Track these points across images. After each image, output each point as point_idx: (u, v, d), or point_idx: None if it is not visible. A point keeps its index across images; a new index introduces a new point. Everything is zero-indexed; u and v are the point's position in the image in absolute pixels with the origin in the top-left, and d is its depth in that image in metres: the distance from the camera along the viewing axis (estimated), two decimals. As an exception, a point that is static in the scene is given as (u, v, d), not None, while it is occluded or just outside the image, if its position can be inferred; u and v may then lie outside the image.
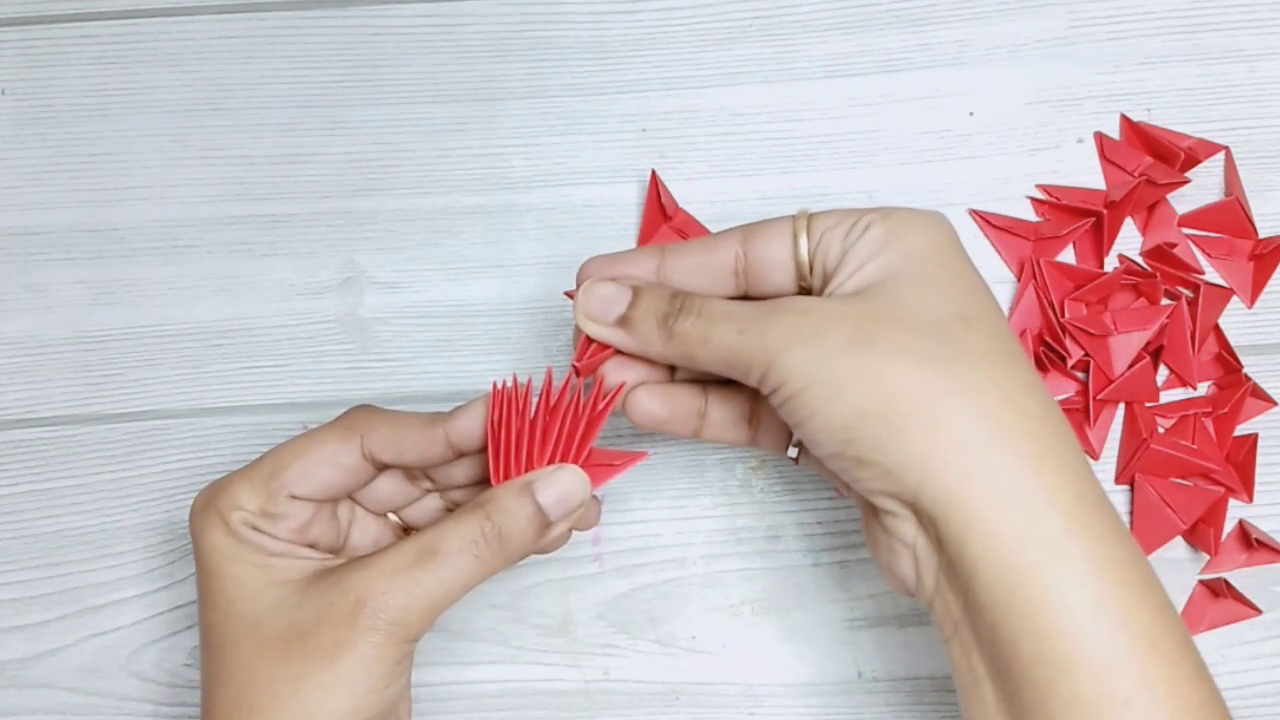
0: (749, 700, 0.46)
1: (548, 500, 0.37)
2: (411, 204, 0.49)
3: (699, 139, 0.49)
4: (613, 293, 0.38)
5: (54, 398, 0.48)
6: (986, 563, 0.33)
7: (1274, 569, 0.46)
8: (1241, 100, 0.49)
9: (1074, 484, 0.34)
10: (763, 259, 0.38)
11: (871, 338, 0.34)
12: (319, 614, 0.36)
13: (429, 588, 0.36)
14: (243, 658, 0.36)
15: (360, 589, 0.35)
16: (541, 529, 0.37)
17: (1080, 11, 0.50)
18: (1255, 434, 0.46)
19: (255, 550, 0.37)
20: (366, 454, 0.39)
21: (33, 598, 0.47)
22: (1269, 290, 0.48)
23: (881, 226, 0.36)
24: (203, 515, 0.38)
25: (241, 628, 0.37)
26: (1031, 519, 0.33)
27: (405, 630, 0.36)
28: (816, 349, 0.34)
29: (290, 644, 0.36)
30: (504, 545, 0.37)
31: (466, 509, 0.37)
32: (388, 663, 0.36)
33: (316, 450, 0.38)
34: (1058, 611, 0.32)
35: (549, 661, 0.46)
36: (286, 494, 0.38)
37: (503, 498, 0.37)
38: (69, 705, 0.46)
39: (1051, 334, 0.47)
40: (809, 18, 0.50)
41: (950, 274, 0.36)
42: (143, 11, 0.50)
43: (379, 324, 0.49)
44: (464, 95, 0.50)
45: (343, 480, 0.39)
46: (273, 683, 0.35)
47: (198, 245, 0.49)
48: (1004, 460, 0.33)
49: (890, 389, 0.34)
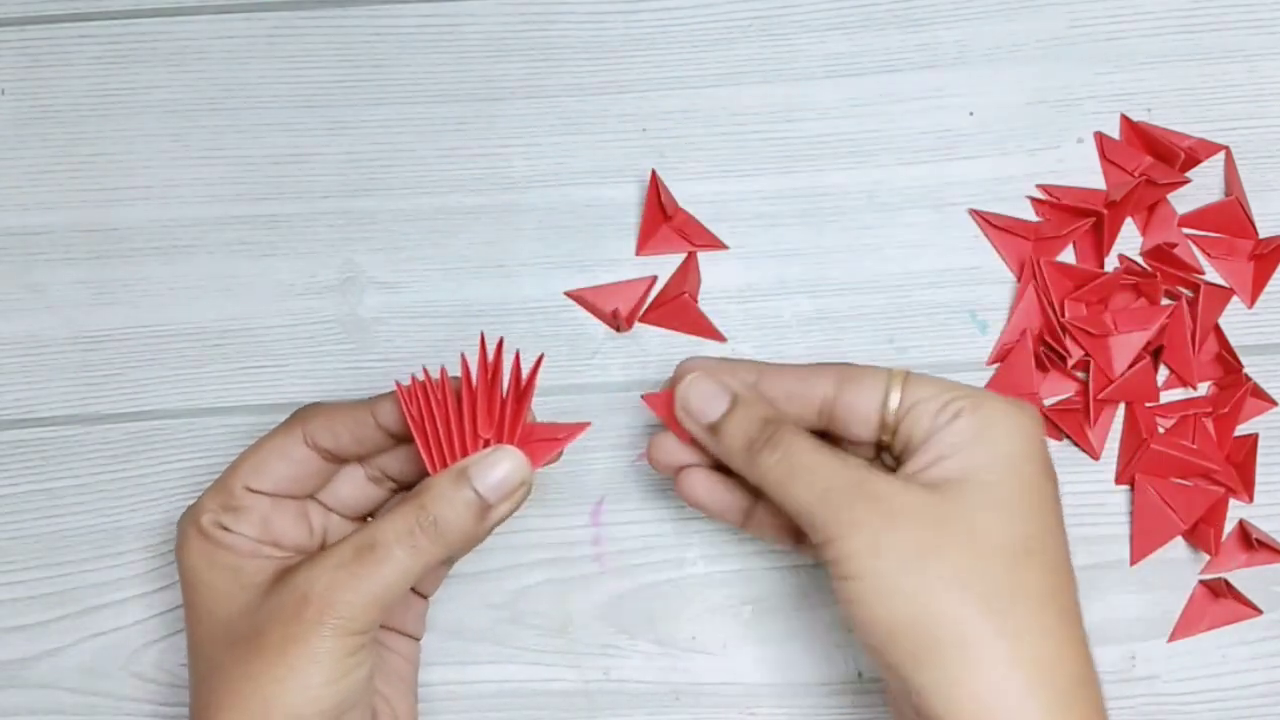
0: (749, 700, 0.46)
1: (485, 484, 0.38)
2: (411, 204, 0.49)
3: (699, 139, 0.49)
4: (715, 393, 0.39)
5: (54, 398, 0.48)
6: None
7: (1274, 569, 0.46)
8: (1241, 100, 0.49)
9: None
10: (851, 408, 0.38)
11: (937, 550, 0.35)
12: (271, 612, 0.37)
13: (369, 581, 0.36)
14: (214, 659, 0.38)
15: (304, 586, 0.37)
16: (481, 513, 0.38)
17: (1080, 11, 0.50)
18: (1255, 434, 0.46)
19: (227, 552, 0.39)
20: (310, 443, 0.40)
21: (33, 598, 0.47)
22: (1269, 290, 0.48)
23: (974, 418, 0.37)
24: (181, 531, 0.40)
25: (217, 632, 0.38)
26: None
27: (350, 623, 0.36)
28: (883, 546, 0.35)
29: (250, 642, 0.37)
30: (441, 534, 0.37)
31: (403, 500, 0.38)
32: (338, 654, 0.36)
33: (267, 444, 0.40)
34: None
35: (548, 662, 0.46)
36: (241, 486, 0.39)
37: (437, 486, 0.38)
38: (69, 705, 0.46)
39: (1051, 334, 0.47)
40: (809, 18, 0.50)
41: (1028, 490, 0.36)
42: (143, 11, 0.50)
43: (379, 324, 0.48)
44: (464, 95, 0.50)
45: (293, 472, 0.40)
46: (238, 681, 0.36)
47: (198, 245, 0.49)
48: (1027, 716, 0.34)
49: (941, 611, 0.34)
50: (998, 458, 0.36)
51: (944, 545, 0.35)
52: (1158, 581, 0.46)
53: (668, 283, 0.48)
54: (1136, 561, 0.46)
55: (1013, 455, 0.36)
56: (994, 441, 0.36)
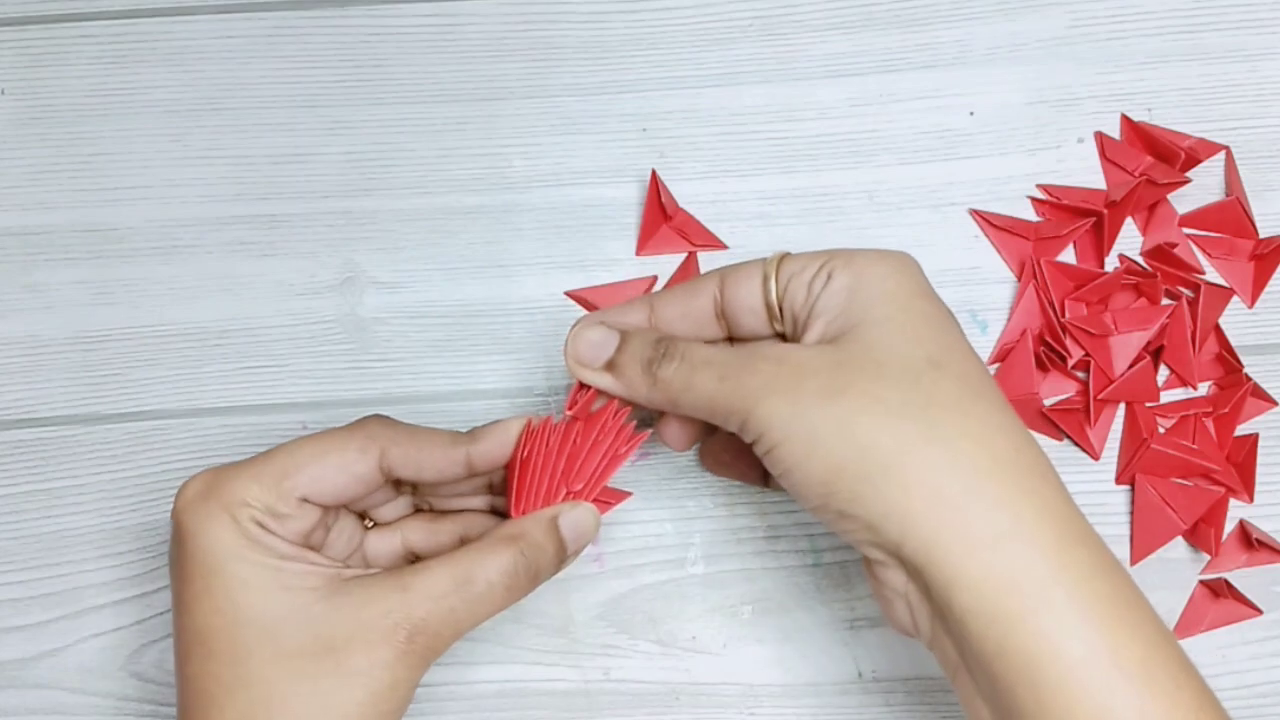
0: (749, 700, 0.46)
1: (569, 534, 0.39)
2: (411, 204, 0.49)
3: (699, 139, 0.49)
4: (600, 337, 0.39)
5: (54, 398, 0.48)
6: (975, 614, 0.33)
7: (1274, 569, 0.46)
8: (1242, 100, 0.49)
9: (1054, 523, 0.34)
10: (736, 303, 0.38)
11: (844, 388, 0.34)
12: (353, 631, 0.36)
13: (463, 615, 0.37)
14: (257, 667, 0.35)
15: (400, 611, 0.36)
16: (561, 563, 0.39)
17: (1080, 11, 0.50)
18: (1256, 434, 0.46)
19: (264, 551, 0.36)
20: (385, 468, 0.38)
21: (33, 598, 0.47)
22: (1269, 290, 0.48)
23: (846, 273, 0.36)
24: (200, 507, 0.37)
25: (253, 634, 0.36)
26: (1013, 565, 0.33)
27: (433, 653, 0.36)
28: (791, 400, 0.35)
29: (319, 658, 0.35)
30: (533, 577, 0.38)
31: (499, 540, 0.38)
32: (414, 682, 0.36)
33: (335, 456, 0.38)
34: (1049, 660, 0.32)
35: (549, 661, 0.46)
36: (298, 496, 0.37)
37: (534, 533, 0.38)
38: (69, 705, 0.46)
39: (1052, 334, 0.47)
40: (809, 18, 0.50)
41: (918, 316, 0.36)
42: (143, 11, 0.50)
43: (379, 324, 0.48)
44: (464, 95, 0.50)
45: (354, 490, 0.38)
46: (295, 697, 0.35)
47: (198, 245, 0.49)
48: (981, 508, 0.33)
49: (864, 441, 0.34)
50: (881, 295, 0.36)
51: (851, 381, 0.34)
52: (1158, 581, 0.46)
53: (668, 283, 0.48)
54: (1137, 561, 0.46)
55: (895, 293, 0.36)
56: (875, 286, 0.36)
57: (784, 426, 0.35)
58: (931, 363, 0.35)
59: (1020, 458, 0.34)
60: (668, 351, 0.37)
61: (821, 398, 0.34)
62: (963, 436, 0.34)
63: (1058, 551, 0.33)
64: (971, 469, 0.34)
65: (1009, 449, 0.34)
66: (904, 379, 0.34)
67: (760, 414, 0.35)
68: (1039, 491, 0.34)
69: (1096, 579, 0.33)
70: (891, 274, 0.36)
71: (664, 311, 0.39)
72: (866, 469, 0.34)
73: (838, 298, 0.36)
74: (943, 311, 0.37)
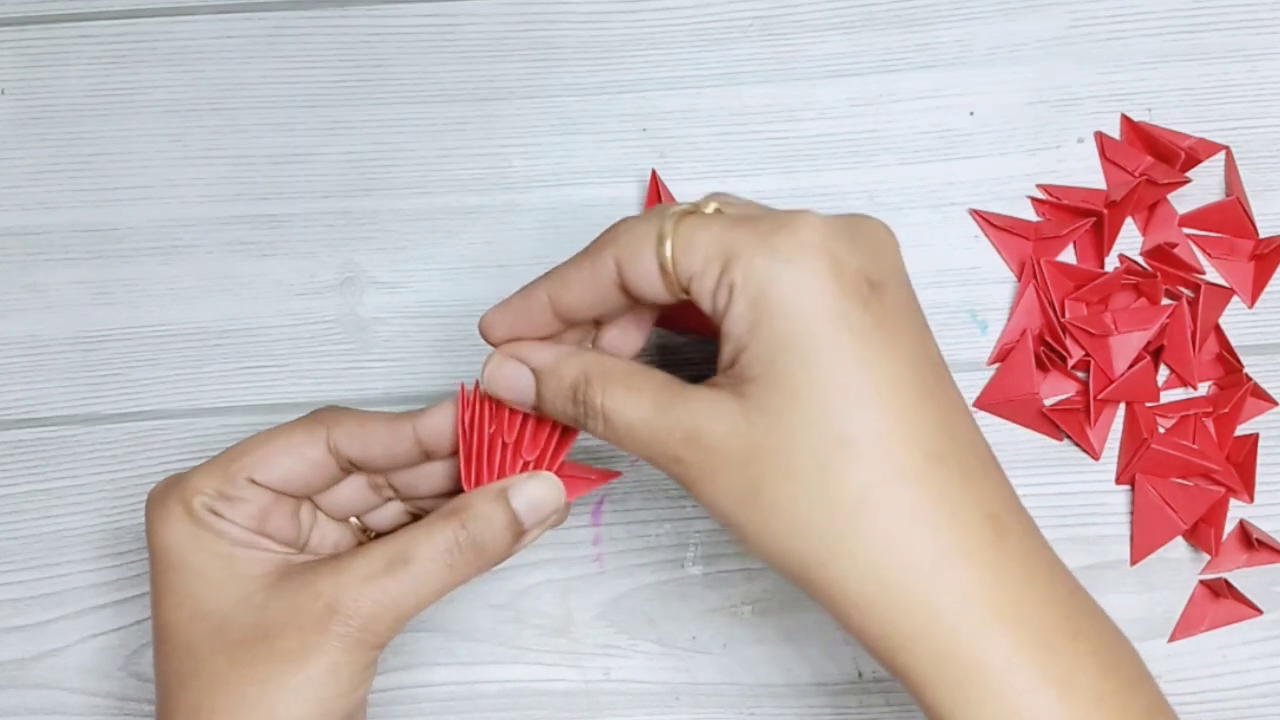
0: (749, 700, 0.46)
1: (522, 507, 0.37)
2: (411, 204, 0.49)
3: (699, 139, 0.49)
4: (515, 374, 0.37)
5: (54, 398, 0.48)
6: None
7: (1274, 569, 0.46)
8: (1242, 100, 0.49)
9: (991, 610, 0.32)
10: (637, 286, 0.35)
11: (757, 490, 0.33)
12: (287, 617, 0.35)
13: (399, 595, 0.35)
14: (206, 658, 0.36)
15: (330, 594, 0.35)
16: (516, 536, 0.37)
17: (1080, 11, 0.50)
18: (1256, 434, 0.46)
19: (216, 538, 0.37)
20: (332, 448, 0.38)
21: (32, 598, 0.47)
22: (1269, 290, 0.48)
23: (746, 294, 0.33)
24: (160, 505, 0.37)
25: (205, 627, 0.36)
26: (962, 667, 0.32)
27: (374, 636, 0.35)
28: (712, 496, 0.34)
29: (256, 645, 0.35)
30: (478, 554, 0.36)
31: (440, 515, 0.37)
32: (355, 668, 0.35)
33: (281, 439, 0.38)
34: None
35: (549, 662, 0.46)
36: (245, 477, 0.37)
37: (478, 504, 0.37)
38: (69, 705, 0.46)
39: (1052, 334, 0.47)
40: (809, 18, 0.50)
41: (831, 363, 0.32)
42: (143, 11, 0.50)
43: (379, 324, 0.48)
44: (464, 95, 0.50)
45: (304, 473, 0.38)
46: (238, 685, 0.35)
47: (198, 245, 0.49)
48: (900, 613, 0.32)
49: (778, 549, 0.33)
50: (789, 337, 0.32)
51: (762, 481, 0.33)
52: (1158, 581, 0.46)
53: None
54: (1137, 561, 0.46)
55: (805, 323, 0.32)
56: (778, 317, 0.32)
57: (714, 513, 0.34)
58: (840, 443, 0.32)
59: (935, 545, 0.32)
60: (588, 409, 0.35)
61: (740, 501, 0.33)
62: (871, 541, 0.32)
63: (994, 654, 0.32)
64: (884, 579, 0.32)
65: (924, 543, 0.32)
66: (811, 473, 0.32)
67: (703, 498, 0.34)
68: (959, 584, 0.32)
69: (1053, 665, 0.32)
70: (802, 289, 0.32)
71: (564, 300, 0.36)
72: (791, 572, 0.33)
73: (740, 324, 0.33)
74: (863, 326, 0.32)
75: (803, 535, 0.33)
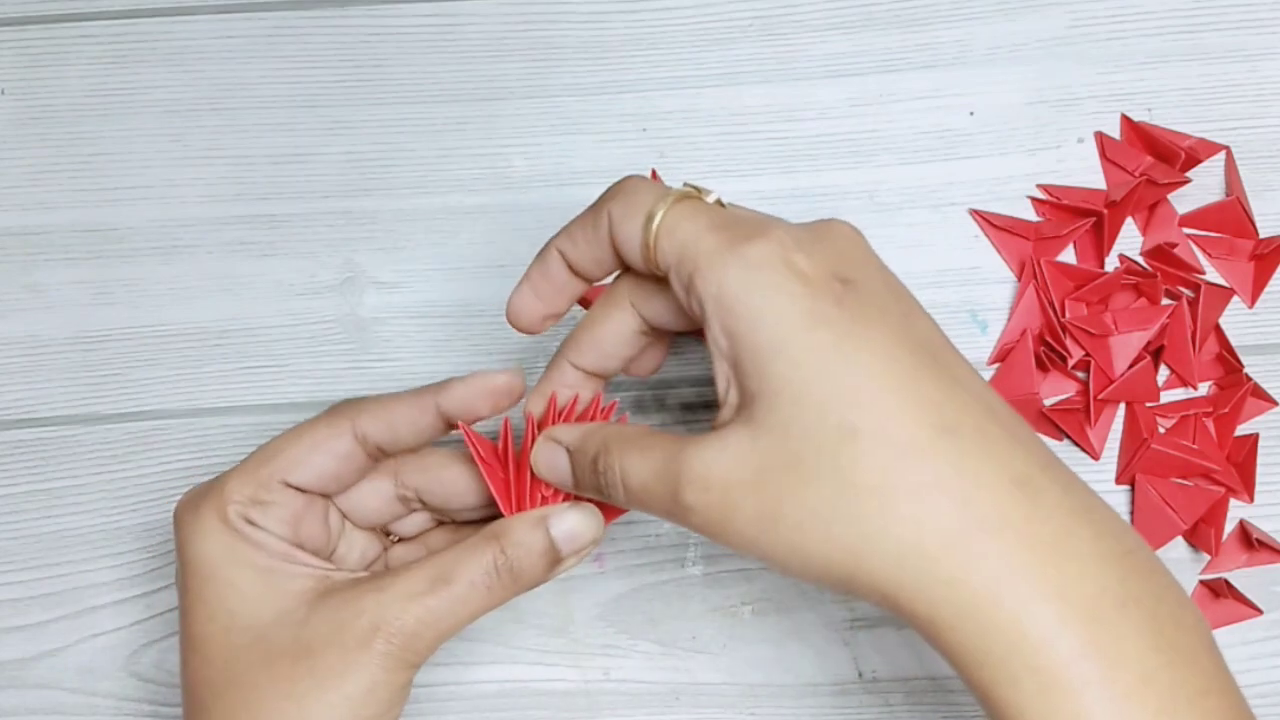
0: (749, 700, 0.46)
1: (561, 536, 0.37)
2: (411, 204, 0.49)
3: (699, 139, 0.49)
4: (553, 456, 0.38)
5: (54, 398, 0.48)
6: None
7: (1275, 569, 0.46)
8: (1242, 100, 0.49)
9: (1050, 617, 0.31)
10: (623, 244, 0.36)
11: (775, 511, 0.32)
12: (330, 634, 0.35)
13: (440, 615, 0.36)
14: (242, 671, 0.36)
15: (373, 612, 0.35)
16: (552, 564, 0.37)
17: (1081, 11, 0.50)
18: (1256, 434, 0.46)
19: (255, 550, 0.37)
20: (359, 437, 0.38)
21: (33, 598, 0.47)
22: (1270, 290, 0.48)
23: (719, 316, 0.33)
24: (191, 515, 0.37)
25: (244, 640, 0.36)
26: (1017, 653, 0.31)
27: (414, 655, 0.36)
28: (728, 535, 0.33)
29: (298, 661, 0.35)
30: (515, 578, 0.37)
31: (481, 539, 0.37)
32: (393, 688, 0.36)
33: (308, 437, 0.38)
34: None
35: (549, 662, 0.46)
36: (279, 480, 0.37)
37: (517, 531, 0.37)
38: (69, 705, 0.46)
39: (1052, 334, 0.47)
40: (809, 18, 0.50)
41: (815, 363, 0.32)
42: (143, 11, 0.50)
43: (379, 324, 0.48)
44: (464, 95, 0.50)
45: (335, 468, 0.38)
46: (275, 700, 0.35)
47: (198, 245, 0.49)
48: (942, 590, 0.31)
49: (821, 563, 0.32)
50: (768, 348, 0.32)
51: (778, 500, 0.32)
52: (1158, 581, 0.46)
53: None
54: (1137, 561, 0.46)
55: (782, 332, 0.32)
56: (751, 331, 0.32)
57: (743, 549, 0.34)
58: (843, 435, 0.32)
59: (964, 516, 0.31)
60: (608, 481, 0.36)
61: (763, 528, 0.33)
62: (898, 528, 0.31)
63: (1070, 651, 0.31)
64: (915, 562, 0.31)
65: (937, 522, 0.31)
66: (823, 472, 0.32)
67: (719, 540, 0.34)
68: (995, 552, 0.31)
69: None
70: (773, 296, 0.32)
71: (572, 255, 0.38)
72: (839, 581, 0.33)
73: (722, 342, 0.33)
74: (840, 319, 0.32)
75: (833, 539, 0.32)
